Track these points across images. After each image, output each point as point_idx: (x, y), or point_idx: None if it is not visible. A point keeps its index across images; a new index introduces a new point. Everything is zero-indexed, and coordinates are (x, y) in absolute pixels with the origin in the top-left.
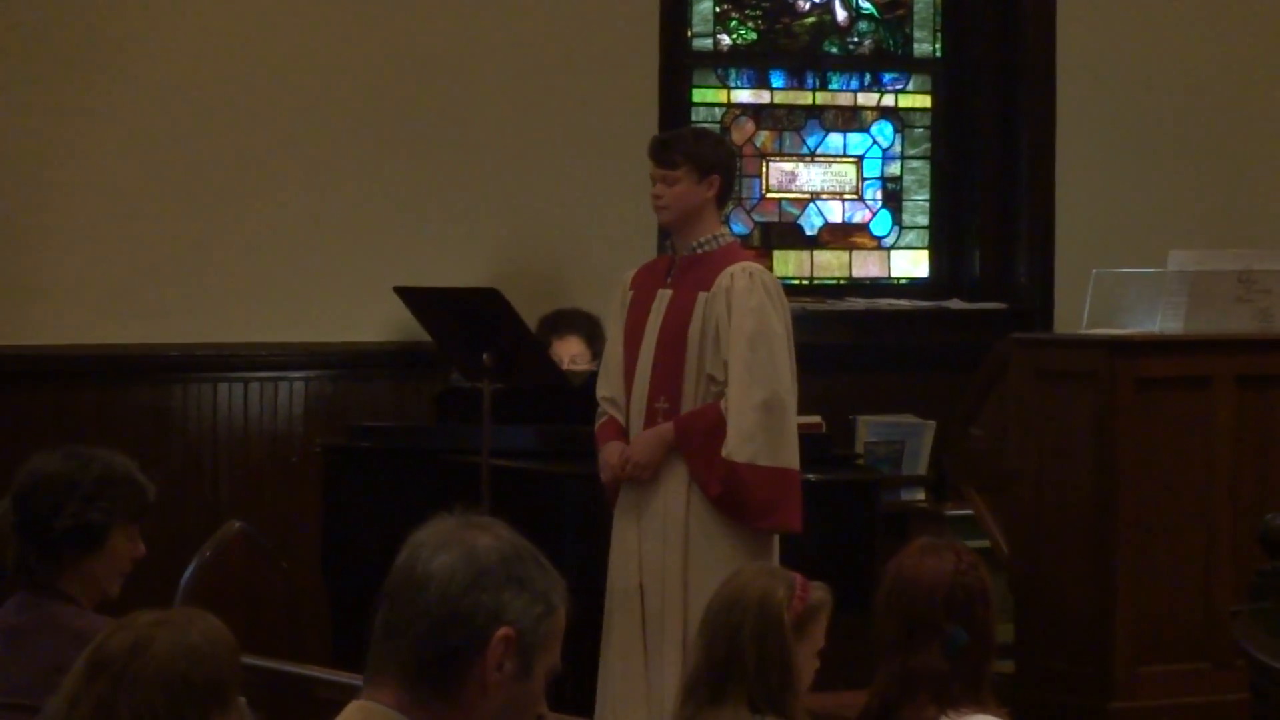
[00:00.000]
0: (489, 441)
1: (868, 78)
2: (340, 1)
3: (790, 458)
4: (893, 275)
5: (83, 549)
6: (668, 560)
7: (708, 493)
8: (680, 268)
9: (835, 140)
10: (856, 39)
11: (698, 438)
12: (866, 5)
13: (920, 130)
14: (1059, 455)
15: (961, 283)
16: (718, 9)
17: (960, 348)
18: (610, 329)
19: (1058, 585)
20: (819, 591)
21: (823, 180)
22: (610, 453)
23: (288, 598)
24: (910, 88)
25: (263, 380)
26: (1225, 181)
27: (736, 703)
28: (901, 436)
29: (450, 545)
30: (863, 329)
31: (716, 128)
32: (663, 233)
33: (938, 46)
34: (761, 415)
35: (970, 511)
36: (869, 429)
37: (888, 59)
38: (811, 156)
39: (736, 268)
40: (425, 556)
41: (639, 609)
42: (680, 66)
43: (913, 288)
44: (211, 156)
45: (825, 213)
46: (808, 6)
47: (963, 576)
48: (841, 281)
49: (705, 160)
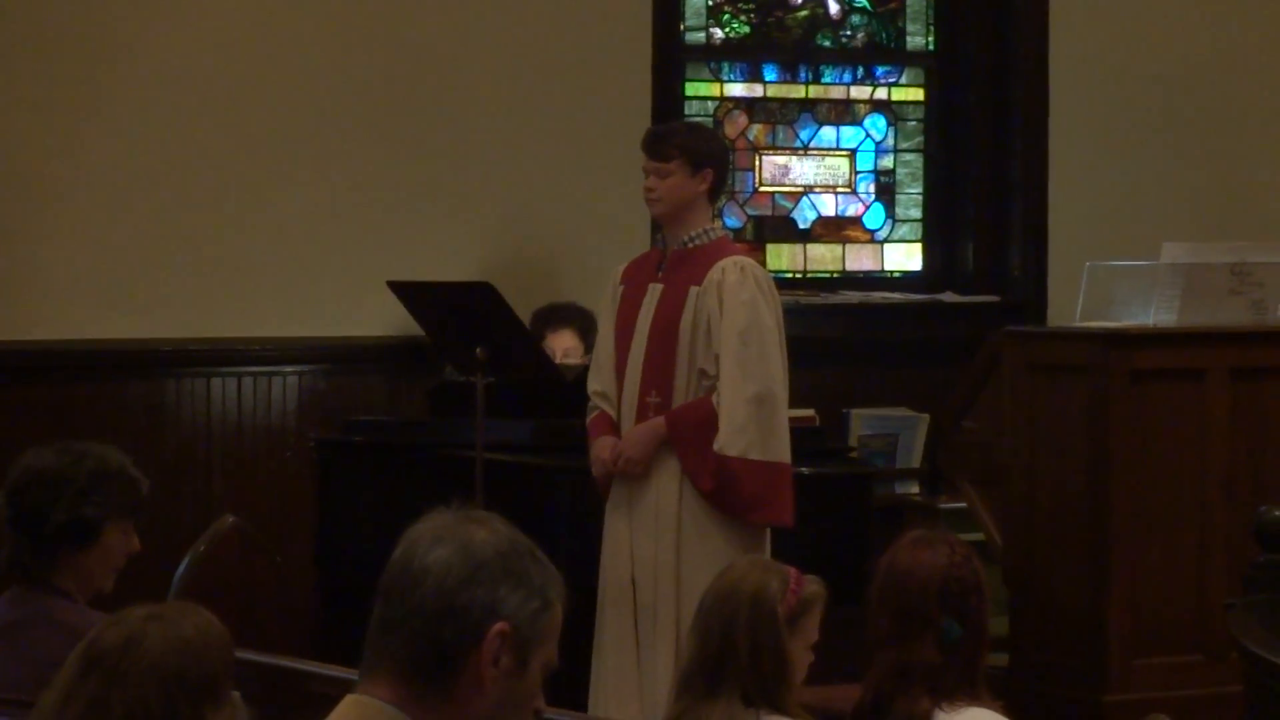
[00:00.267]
0: (483, 436)
1: (861, 71)
2: None
3: (782, 452)
4: (886, 268)
5: (77, 544)
6: (660, 554)
7: (700, 486)
8: (671, 262)
9: (828, 134)
10: (849, 32)
11: (690, 432)
12: None
13: (913, 123)
14: (1053, 448)
15: (955, 276)
16: (710, 3)
17: (954, 341)
18: (601, 323)
19: (1052, 578)
20: (813, 585)
21: (816, 174)
22: (602, 448)
23: (281, 592)
24: (903, 81)
25: (256, 375)
26: (1219, 174)
27: (730, 696)
28: (895, 430)
29: (447, 540)
30: (856, 322)
31: (709, 121)
32: (655, 226)
33: (930, 40)
34: (753, 409)
35: (964, 504)
36: (862, 422)
37: (881, 52)
38: (804, 150)
39: (728, 262)
40: (422, 551)
41: (631, 603)
42: (673, 60)
43: (906, 281)
44: (205, 152)
45: (818, 206)
46: (800, 0)
47: (956, 569)
48: (835, 275)
49: (698, 154)
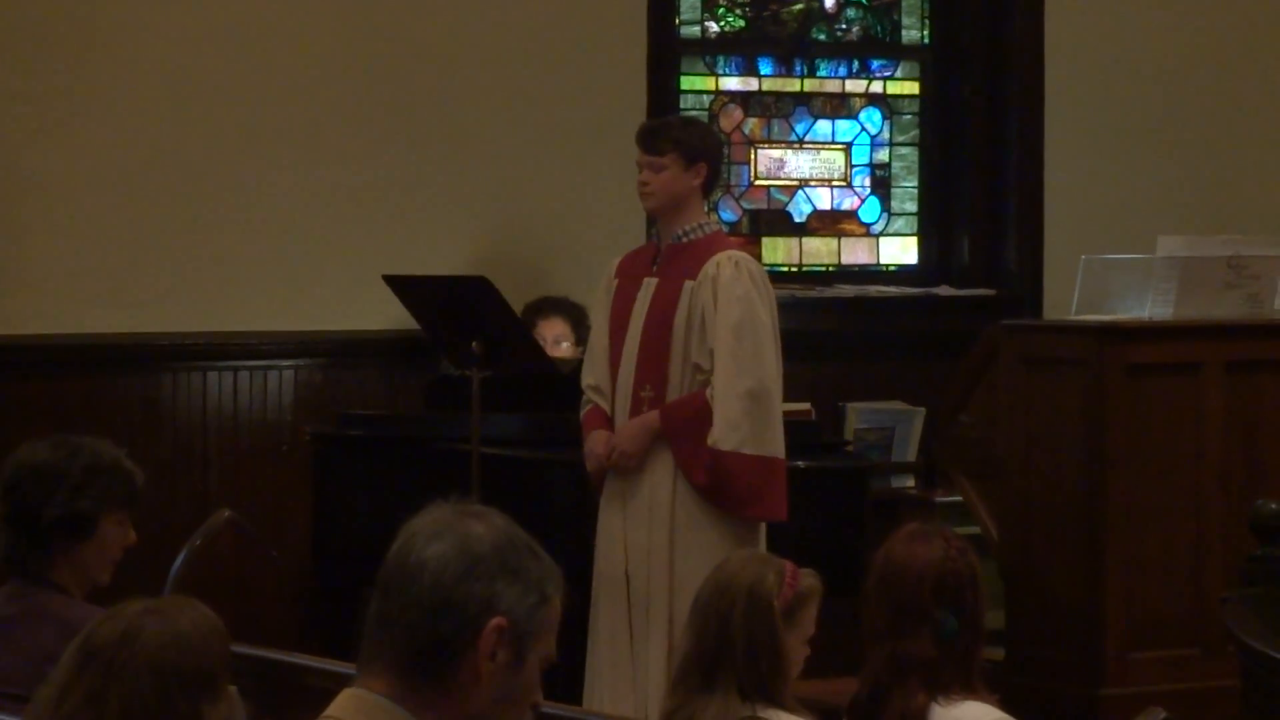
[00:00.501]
0: (478, 429)
1: (856, 64)
2: None
3: (776, 446)
4: (881, 262)
5: (73, 538)
6: (654, 547)
7: (693, 481)
8: (666, 256)
9: (824, 127)
10: (845, 26)
11: (684, 426)
12: None
13: (909, 117)
14: (1048, 442)
15: (950, 269)
16: None
17: (949, 334)
18: (595, 317)
19: (1047, 572)
20: (809, 578)
21: (811, 167)
22: (596, 442)
23: (278, 586)
24: (898, 75)
25: (252, 369)
26: (1214, 167)
27: (726, 690)
28: (891, 423)
29: (444, 534)
30: (852, 316)
31: (704, 115)
32: (650, 220)
33: (926, 33)
34: (747, 403)
35: (960, 498)
36: (858, 416)
37: (876, 46)
38: (800, 143)
39: (722, 256)
40: (419, 545)
41: (625, 596)
42: (668, 54)
43: (901, 274)
44: (200, 145)
45: (814, 199)
46: None
47: (952, 563)
48: (830, 268)
49: (693, 148)
